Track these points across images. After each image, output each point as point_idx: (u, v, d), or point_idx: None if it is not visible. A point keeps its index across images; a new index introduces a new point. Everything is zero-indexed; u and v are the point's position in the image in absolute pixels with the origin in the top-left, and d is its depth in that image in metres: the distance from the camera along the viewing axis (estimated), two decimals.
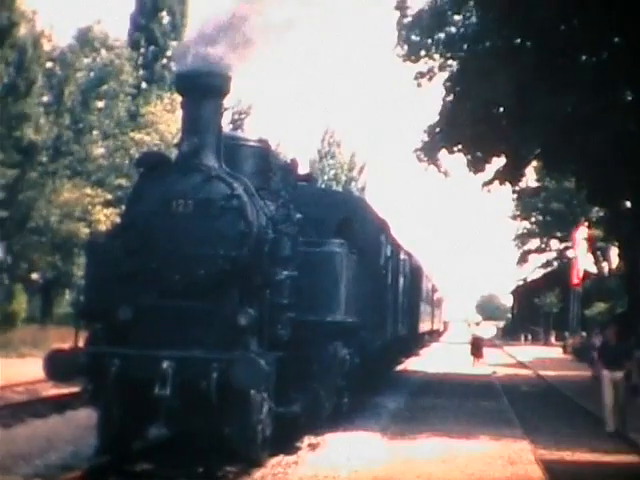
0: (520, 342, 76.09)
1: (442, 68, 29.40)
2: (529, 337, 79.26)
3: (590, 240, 61.15)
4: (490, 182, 30.99)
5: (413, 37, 28.97)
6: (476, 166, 29.80)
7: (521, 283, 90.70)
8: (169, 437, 14.45)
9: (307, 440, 15.45)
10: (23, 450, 14.42)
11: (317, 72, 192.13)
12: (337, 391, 15.77)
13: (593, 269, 71.05)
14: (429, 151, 29.90)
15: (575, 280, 58.03)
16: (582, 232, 58.14)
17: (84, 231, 45.92)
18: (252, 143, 15.48)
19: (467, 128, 26.82)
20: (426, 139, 29.92)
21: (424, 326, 43.85)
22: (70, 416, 18.55)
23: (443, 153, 29.77)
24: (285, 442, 14.48)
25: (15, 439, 15.75)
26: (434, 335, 63.87)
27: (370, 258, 18.70)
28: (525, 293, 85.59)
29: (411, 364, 39.12)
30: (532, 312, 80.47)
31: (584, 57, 26.79)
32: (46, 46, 49.32)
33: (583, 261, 58.71)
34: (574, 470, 14.62)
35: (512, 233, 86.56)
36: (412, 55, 29.08)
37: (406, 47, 29.12)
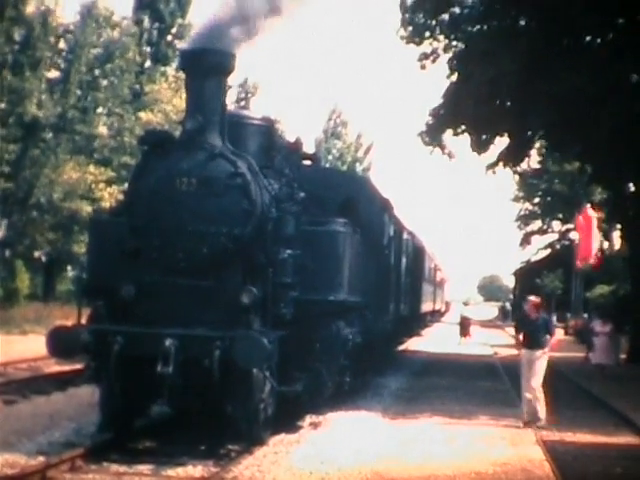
0: None
1: (446, 49, 29.27)
2: None
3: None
4: (494, 164, 30.91)
5: (417, 19, 28.83)
6: (480, 147, 29.72)
7: (523, 264, 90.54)
8: (171, 415, 14.50)
9: (309, 419, 15.52)
10: (26, 427, 14.46)
11: (324, 51, 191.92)
12: (339, 370, 15.76)
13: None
14: (433, 133, 29.83)
15: (592, 260, 57.17)
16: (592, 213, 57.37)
17: (87, 209, 45.95)
18: (256, 121, 15.44)
19: (471, 108, 26.72)
20: (430, 122, 29.83)
21: (426, 306, 43.89)
22: (72, 393, 18.60)
23: (447, 134, 29.70)
24: (287, 421, 14.55)
25: (18, 416, 15.81)
26: (436, 315, 63.92)
27: (373, 238, 18.70)
28: (527, 274, 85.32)
29: (413, 344, 39.20)
30: (534, 293, 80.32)
31: (589, 38, 26.68)
32: (52, 23, 49.21)
33: (597, 241, 57.82)
34: (575, 451, 14.62)
35: (514, 214, 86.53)
36: (416, 37, 28.96)
37: (410, 29, 28.98)
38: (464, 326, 45.19)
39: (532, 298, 17.47)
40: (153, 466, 12.21)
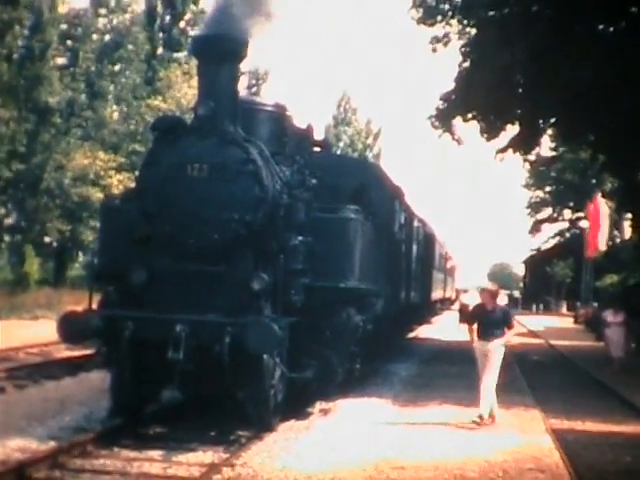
0: (532, 311, 75.99)
1: (459, 35, 29.15)
2: (541, 307, 79.14)
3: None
4: (504, 150, 30.79)
5: (428, 1, 28.71)
6: (490, 133, 29.60)
7: (533, 252, 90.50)
8: (182, 401, 14.54)
9: (319, 406, 15.53)
10: (37, 411, 14.52)
11: (333, 36, 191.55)
12: (349, 357, 15.79)
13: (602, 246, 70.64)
14: (444, 118, 29.72)
15: (602, 247, 57.07)
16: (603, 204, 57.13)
17: (97, 195, 46.06)
18: (268, 108, 15.45)
19: (482, 95, 26.60)
20: (441, 106, 29.72)
21: (436, 294, 43.91)
22: (83, 378, 18.69)
23: (457, 120, 29.59)
24: (297, 407, 14.57)
25: (29, 400, 15.87)
26: (446, 303, 63.91)
27: (384, 225, 18.69)
28: (537, 262, 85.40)
29: (423, 332, 39.18)
30: (544, 282, 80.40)
31: (601, 26, 26.56)
32: (61, 8, 49.30)
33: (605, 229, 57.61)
34: (585, 439, 14.62)
35: (525, 202, 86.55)
36: (427, 19, 28.82)
37: (421, 10, 28.86)
38: (463, 313, 46.04)
39: (487, 287, 16.33)
40: (163, 451, 12.26)
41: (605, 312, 26.61)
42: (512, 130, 30.06)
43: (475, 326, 15.40)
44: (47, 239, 51.35)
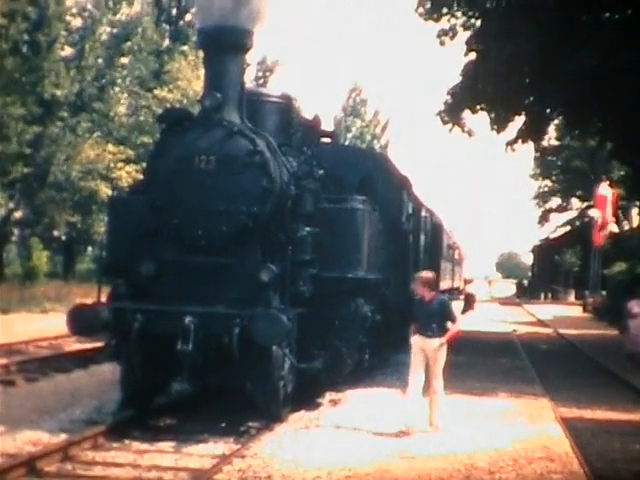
0: (540, 300, 75.92)
1: (465, 27, 29.09)
2: (549, 295, 79.03)
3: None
4: (514, 142, 30.72)
5: None
6: (499, 125, 29.56)
7: (542, 242, 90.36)
8: (192, 392, 14.57)
9: (328, 396, 15.54)
10: (48, 404, 14.57)
11: (343, 27, 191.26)
12: (358, 348, 15.78)
13: (614, 228, 70.58)
14: (452, 112, 29.67)
15: (601, 237, 57.11)
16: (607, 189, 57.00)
17: (105, 189, 46.10)
18: (274, 99, 15.45)
19: (489, 86, 26.58)
20: (449, 101, 29.67)
21: (445, 284, 43.82)
22: (93, 371, 18.72)
23: (466, 113, 29.53)
24: (307, 398, 14.59)
25: (39, 393, 15.92)
26: (455, 293, 63.83)
27: (392, 215, 18.67)
28: (545, 251, 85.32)
29: None
30: (552, 270, 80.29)
31: (607, 14, 26.49)
32: (68, 1, 49.30)
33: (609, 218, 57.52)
34: (594, 428, 14.63)
35: (533, 192, 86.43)
36: (434, 13, 28.76)
37: (428, 4, 28.79)
38: (468, 301, 48.17)
39: (422, 274, 13.96)
40: (174, 443, 12.30)
41: (631, 302, 25.18)
42: (520, 121, 30.03)
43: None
44: (56, 233, 51.41)
